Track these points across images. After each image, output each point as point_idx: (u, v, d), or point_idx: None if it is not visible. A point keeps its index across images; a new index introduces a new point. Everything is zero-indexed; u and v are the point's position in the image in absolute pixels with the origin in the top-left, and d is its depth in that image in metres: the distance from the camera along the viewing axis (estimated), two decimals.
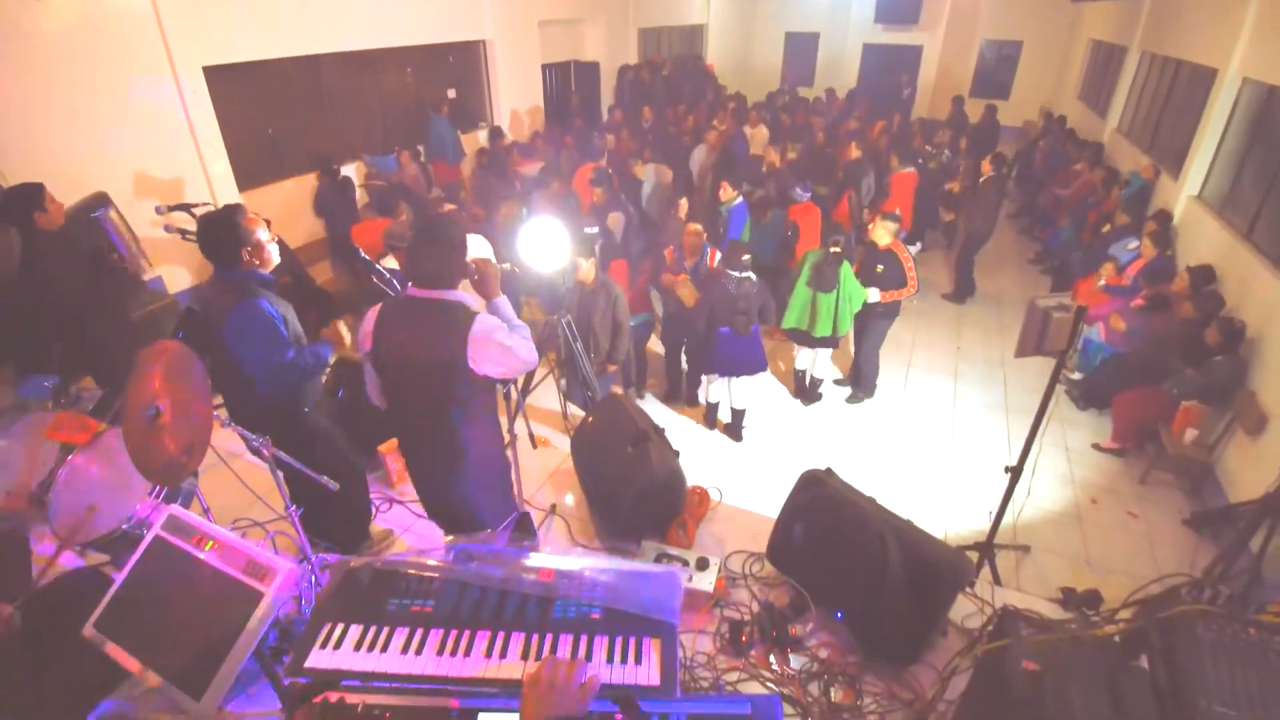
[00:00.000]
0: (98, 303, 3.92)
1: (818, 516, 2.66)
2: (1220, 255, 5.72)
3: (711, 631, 2.58)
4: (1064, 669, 1.54)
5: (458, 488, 2.50)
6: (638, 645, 1.35)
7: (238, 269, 2.65)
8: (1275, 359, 4.47)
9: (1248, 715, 1.43)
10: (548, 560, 1.53)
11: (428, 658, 1.37)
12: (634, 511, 3.11)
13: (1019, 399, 5.68)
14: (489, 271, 2.39)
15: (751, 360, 4.86)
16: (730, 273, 4.58)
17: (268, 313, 2.63)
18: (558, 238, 3.50)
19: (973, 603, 2.69)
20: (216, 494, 3.44)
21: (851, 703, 2.33)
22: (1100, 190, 8.19)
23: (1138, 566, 4.08)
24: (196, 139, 6.07)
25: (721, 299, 4.61)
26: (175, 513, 2.01)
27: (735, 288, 4.58)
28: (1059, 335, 3.03)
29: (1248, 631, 1.60)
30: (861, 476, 4.49)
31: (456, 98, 9.45)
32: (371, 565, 1.57)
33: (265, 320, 2.62)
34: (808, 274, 4.97)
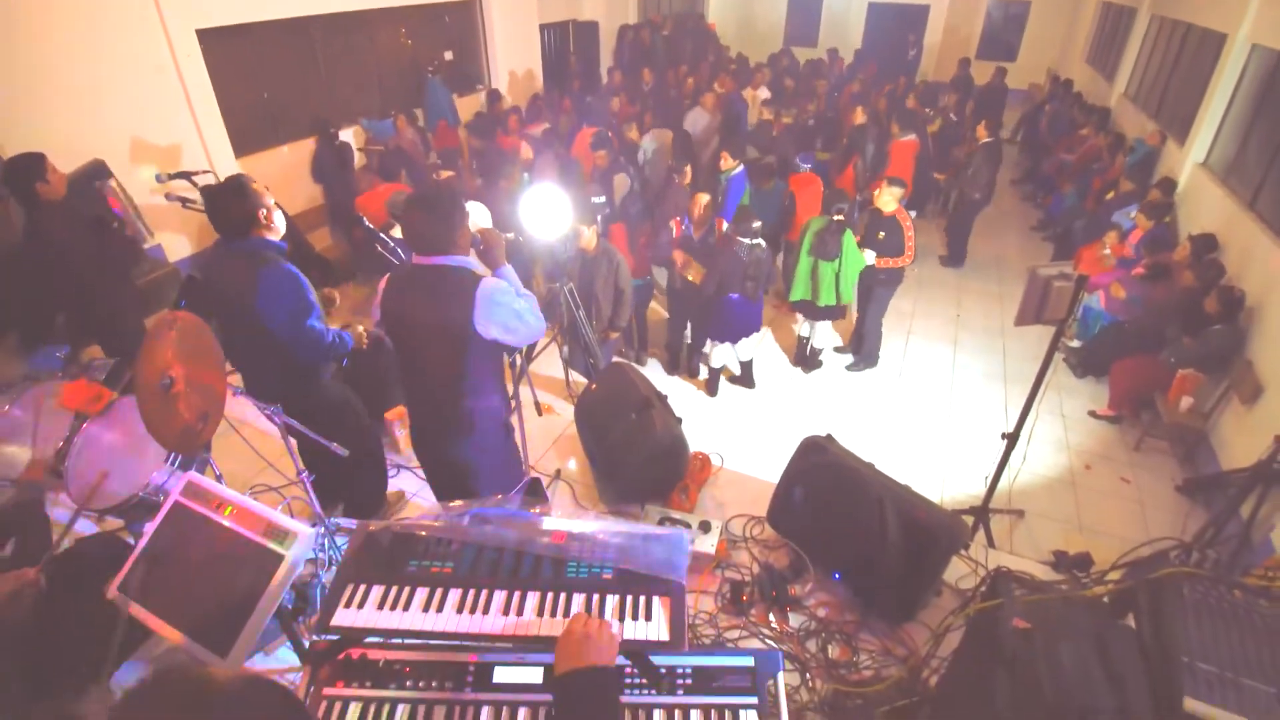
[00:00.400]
0: (103, 270, 3.92)
1: (817, 481, 2.72)
2: (1223, 224, 5.71)
3: (713, 592, 2.66)
4: (1053, 627, 1.61)
5: (462, 453, 2.55)
6: (648, 603, 1.41)
7: (251, 238, 2.64)
8: (1273, 329, 4.50)
9: (1229, 672, 1.50)
10: (560, 523, 1.59)
11: (448, 615, 1.43)
12: (637, 476, 3.17)
13: (1018, 367, 5.73)
14: (494, 240, 2.40)
15: (755, 322, 5.00)
16: (742, 240, 4.61)
17: (295, 274, 2.64)
18: (559, 204, 3.50)
19: (967, 565, 2.77)
20: (228, 460, 3.50)
21: (848, 659, 2.42)
22: (1105, 156, 8.11)
23: (1129, 531, 4.18)
24: (192, 104, 5.99)
25: (733, 267, 4.65)
26: (193, 479, 2.05)
27: (747, 255, 4.62)
28: (1059, 304, 3.06)
29: (1232, 594, 1.67)
30: (861, 443, 4.57)
31: (453, 59, 9.27)
32: (390, 529, 1.62)
33: (294, 281, 2.63)
34: (810, 242, 4.97)
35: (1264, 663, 1.53)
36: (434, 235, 2.22)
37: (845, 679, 2.36)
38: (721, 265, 4.69)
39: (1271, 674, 1.50)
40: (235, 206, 2.60)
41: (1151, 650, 1.58)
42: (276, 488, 3.48)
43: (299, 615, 2.58)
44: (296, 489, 2.85)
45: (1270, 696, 1.47)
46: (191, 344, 2.33)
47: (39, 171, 3.54)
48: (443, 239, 2.23)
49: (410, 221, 2.27)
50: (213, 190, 2.68)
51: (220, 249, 2.75)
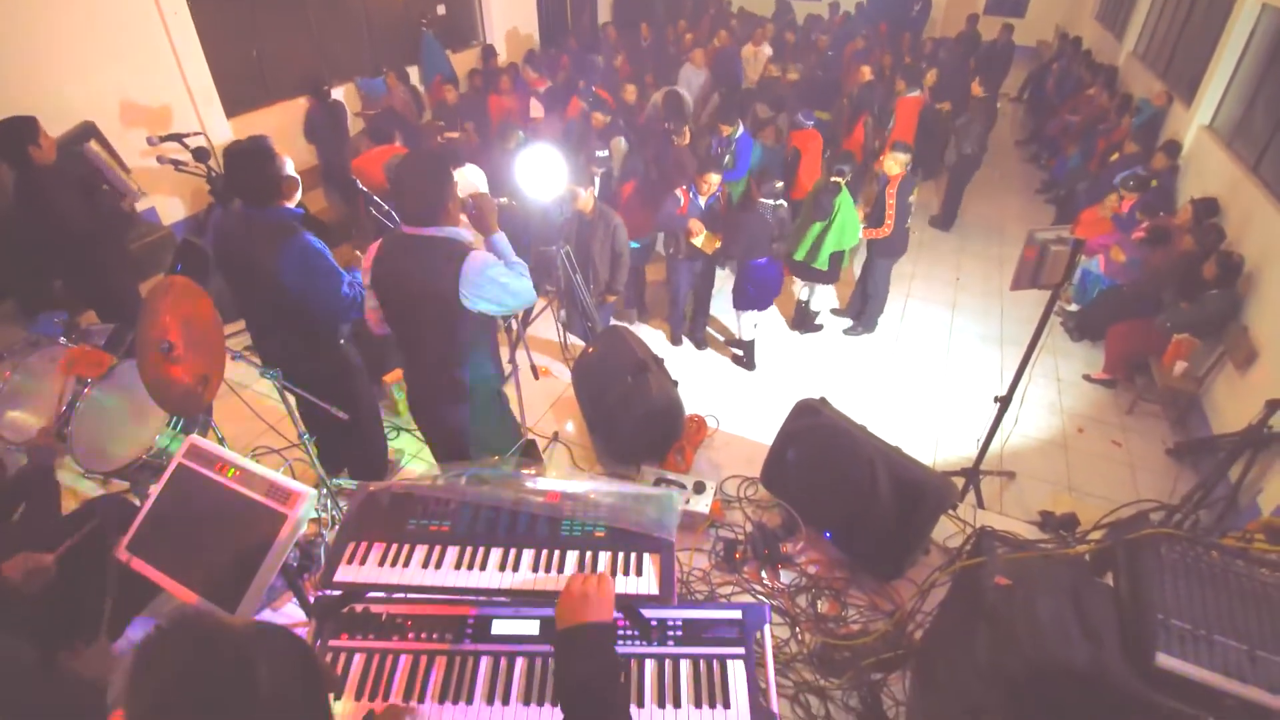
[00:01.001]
0: (96, 233, 3.91)
1: (810, 442, 2.77)
2: (1226, 187, 5.65)
3: (707, 550, 2.74)
4: (1033, 583, 1.66)
5: (457, 419, 2.57)
6: (639, 559, 1.47)
7: (272, 208, 2.56)
8: (1270, 294, 4.50)
9: (1202, 629, 1.55)
10: (555, 484, 1.63)
11: (446, 571, 1.48)
12: (633, 438, 3.23)
13: (1014, 330, 5.75)
14: (485, 206, 2.36)
15: (778, 286, 5.02)
16: (766, 202, 4.60)
17: (318, 247, 2.59)
18: (555, 165, 3.46)
19: (955, 524, 2.84)
20: (229, 423, 3.55)
21: (836, 613, 2.50)
22: (1112, 116, 7.98)
23: (1118, 493, 4.25)
24: (180, 64, 5.87)
25: (761, 230, 4.65)
26: (196, 441, 2.09)
27: (772, 216, 4.65)
28: (1055, 268, 3.06)
29: (1210, 554, 1.72)
30: (855, 405, 4.62)
31: (445, 14, 9.04)
32: (390, 489, 1.67)
33: (319, 254, 2.58)
34: (808, 201, 4.94)
35: (1237, 621, 1.57)
36: (423, 205, 2.18)
37: (833, 632, 2.45)
38: (749, 229, 4.64)
39: (1244, 632, 1.55)
40: (259, 172, 2.50)
41: (1127, 607, 1.64)
42: (278, 450, 3.54)
43: (304, 573, 2.66)
44: (298, 451, 2.90)
45: (1241, 653, 1.52)
46: (190, 309, 2.34)
47: (31, 135, 3.50)
48: (432, 209, 2.18)
49: (399, 190, 2.23)
50: (236, 152, 2.53)
51: (237, 216, 2.63)
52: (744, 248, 4.71)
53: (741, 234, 4.71)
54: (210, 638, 0.78)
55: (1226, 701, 1.44)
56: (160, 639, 0.78)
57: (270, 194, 2.54)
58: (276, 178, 2.53)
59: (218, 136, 6.27)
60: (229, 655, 0.76)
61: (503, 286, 2.21)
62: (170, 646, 0.77)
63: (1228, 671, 1.48)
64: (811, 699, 2.25)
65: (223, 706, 0.74)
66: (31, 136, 3.50)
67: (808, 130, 6.13)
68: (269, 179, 2.52)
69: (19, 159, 3.50)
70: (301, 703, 0.80)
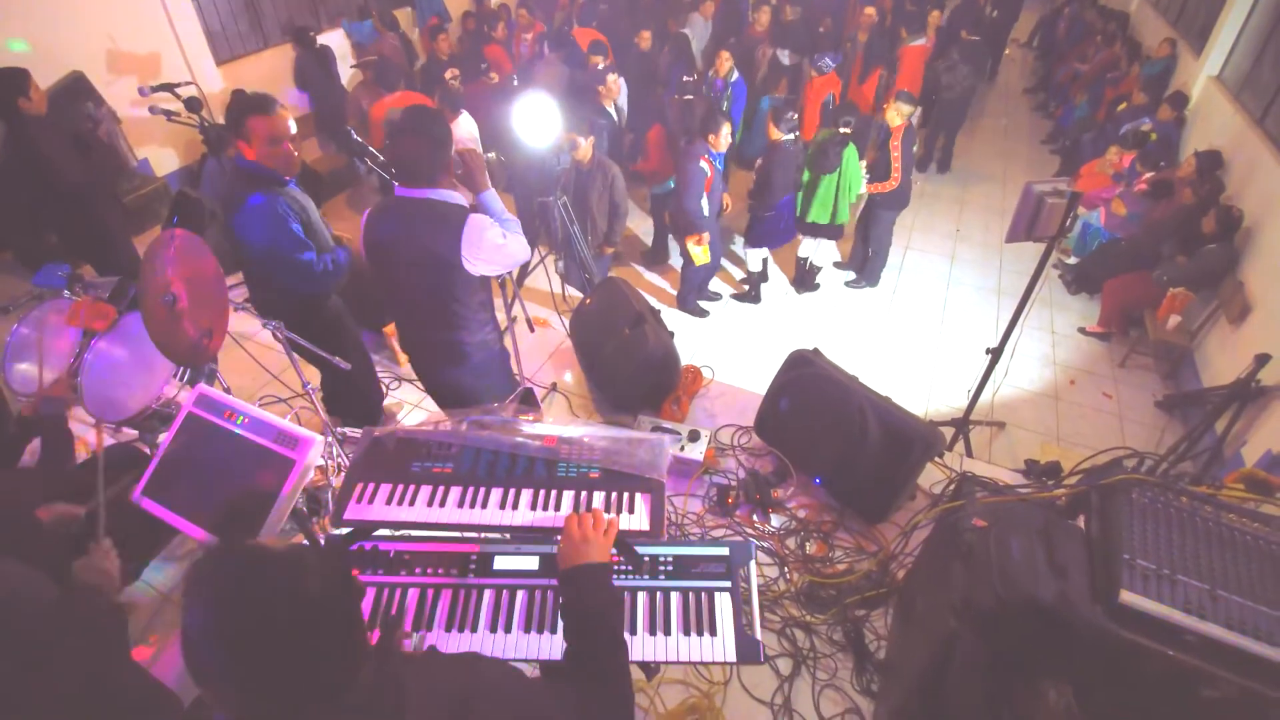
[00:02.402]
0: (89, 185, 3.91)
1: (802, 392, 2.84)
2: (1231, 140, 5.58)
3: (701, 495, 2.84)
4: (1007, 524, 1.75)
5: (457, 380, 2.60)
6: (631, 498, 1.55)
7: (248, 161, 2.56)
8: (1267, 249, 4.50)
9: (1166, 569, 1.64)
10: (551, 429, 1.70)
11: (450, 510, 1.57)
12: (630, 388, 3.30)
13: (1013, 282, 5.76)
14: (474, 163, 2.32)
15: (791, 228, 5.18)
16: (787, 137, 4.67)
17: (276, 208, 2.57)
18: (550, 113, 3.43)
19: (941, 471, 2.93)
20: (234, 374, 3.62)
21: (824, 554, 2.62)
22: (1123, 65, 7.80)
23: (1106, 444, 4.24)
24: (168, 9, 5.71)
25: (790, 164, 4.76)
26: (204, 391, 2.15)
27: (793, 147, 4.75)
28: (1051, 221, 3.07)
29: (1179, 500, 1.80)
30: (852, 357, 4.70)
31: None
32: (395, 434, 1.74)
33: (273, 216, 2.56)
34: (811, 154, 4.88)
35: (1200, 562, 1.66)
36: (419, 166, 2.15)
37: (820, 572, 2.56)
38: (783, 170, 4.75)
39: (1207, 572, 1.63)
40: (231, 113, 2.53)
41: (1096, 547, 1.73)
42: (284, 399, 3.61)
43: (312, 517, 2.76)
44: (302, 400, 2.96)
45: (1203, 592, 1.61)
46: (191, 261, 2.37)
47: (22, 87, 3.48)
48: (428, 170, 2.15)
49: (397, 149, 2.19)
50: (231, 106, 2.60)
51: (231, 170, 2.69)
52: (780, 188, 4.81)
53: (777, 177, 4.78)
54: (259, 554, 0.85)
55: (1187, 637, 1.53)
56: (214, 555, 0.85)
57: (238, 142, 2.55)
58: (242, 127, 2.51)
59: (208, 85, 6.16)
60: (279, 569, 0.84)
61: (500, 248, 2.21)
62: (225, 561, 0.85)
63: (1188, 609, 1.57)
64: (798, 633, 2.38)
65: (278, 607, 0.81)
66: (21, 89, 3.47)
67: (828, 76, 6.04)
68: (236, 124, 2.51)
69: (8, 111, 3.48)
70: (345, 603, 0.89)
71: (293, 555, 0.87)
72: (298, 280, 2.71)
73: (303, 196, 2.77)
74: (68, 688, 1.39)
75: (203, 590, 0.83)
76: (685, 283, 5.22)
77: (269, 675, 0.81)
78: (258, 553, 0.86)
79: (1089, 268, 5.58)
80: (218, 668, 0.81)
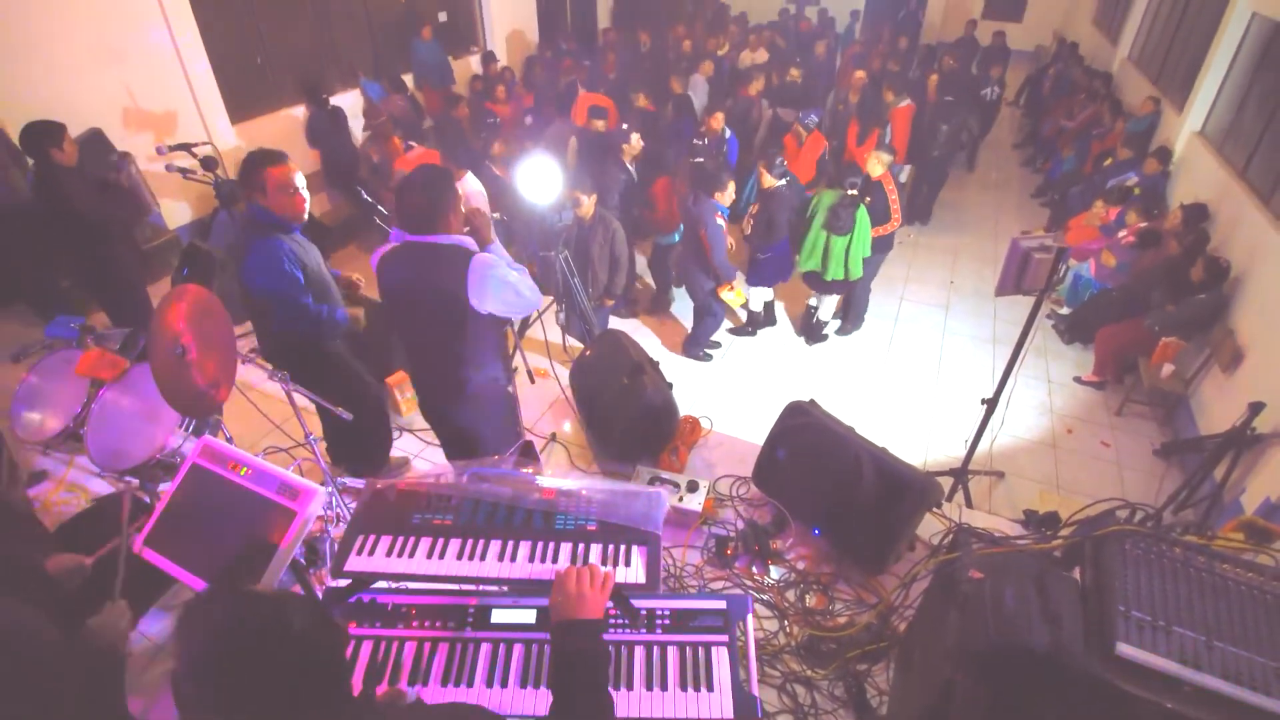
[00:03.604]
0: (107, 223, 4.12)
1: (799, 441, 2.86)
2: (1216, 192, 5.75)
3: (700, 546, 2.83)
4: (1002, 573, 1.76)
5: (464, 419, 2.67)
6: (627, 551, 1.57)
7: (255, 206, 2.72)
8: (1256, 297, 4.59)
9: (1162, 620, 1.64)
10: (550, 481, 1.73)
11: (449, 562, 1.58)
12: (628, 438, 3.32)
13: (1007, 331, 5.84)
14: (480, 222, 2.45)
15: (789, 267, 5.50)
16: (781, 183, 4.99)
17: (281, 250, 2.71)
18: (553, 173, 3.58)
19: (940, 522, 2.93)
20: (237, 423, 3.66)
21: (824, 607, 2.60)
22: (1107, 120, 8.08)
23: (1105, 492, 4.27)
24: (186, 71, 5.97)
25: (789, 206, 5.09)
26: (209, 442, 2.19)
27: (789, 190, 5.07)
28: (1038, 274, 3.15)
29: (1172, 550, 1.81)
30: (848, 406, 4.74)
31: (447, 20, 9.14)
32: (396, 486, 1.77)
33: (277, 257, 2.70)
34: (823, 216, 5.03)
35: (1195, 613, 1.66)
36: (427, 214, 2.27)
37: (820, 625, 2.54)
38: (785, 211, 5.06)
39: (1202, 623, 1.64)
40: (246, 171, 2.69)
41: (1091, 598, 1.74)
42: (285, 449, 3.64)
43: (311, 568, 2.76)
44: (305, 450, 2.99)
45: (1199, 642, 1.61)
46: (202, 313, 2.44)
47: (57, 138, 3.73)
48: (435, 218, 2.27)
49: (402, 199, 2.31)
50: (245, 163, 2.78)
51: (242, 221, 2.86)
52: (783, 229, 5.09)
53: (779, 220, 5.07)
54: (247, 595, 0.90)
55: (1184, 688, 1.53)
56: (203, 600, 0.89)
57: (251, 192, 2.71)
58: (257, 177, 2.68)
59: (222, 142, 6.38)
60: (265, 608, 0.88)
61: (511, 286, 2.30)
62: (213, 605, 0.89)
63: (1184, 660, 1.57)
64: (798, 688, 2.34)
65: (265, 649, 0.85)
66: (55, 140, 3.73)
67: (814, 133, 6.28)
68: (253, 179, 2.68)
69: (41, 158, 3.73)
70: (327, 645, 0.92)
71: (279, 598, 0.91)
72: (295, 321, 2.82)
73: (307, 245, 2.89)
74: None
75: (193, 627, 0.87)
76: (700, 330, 5.35)
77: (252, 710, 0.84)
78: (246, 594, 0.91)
79: (1082, 317, 5.66)
80: (204, 700, 0.84)
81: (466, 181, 5.01)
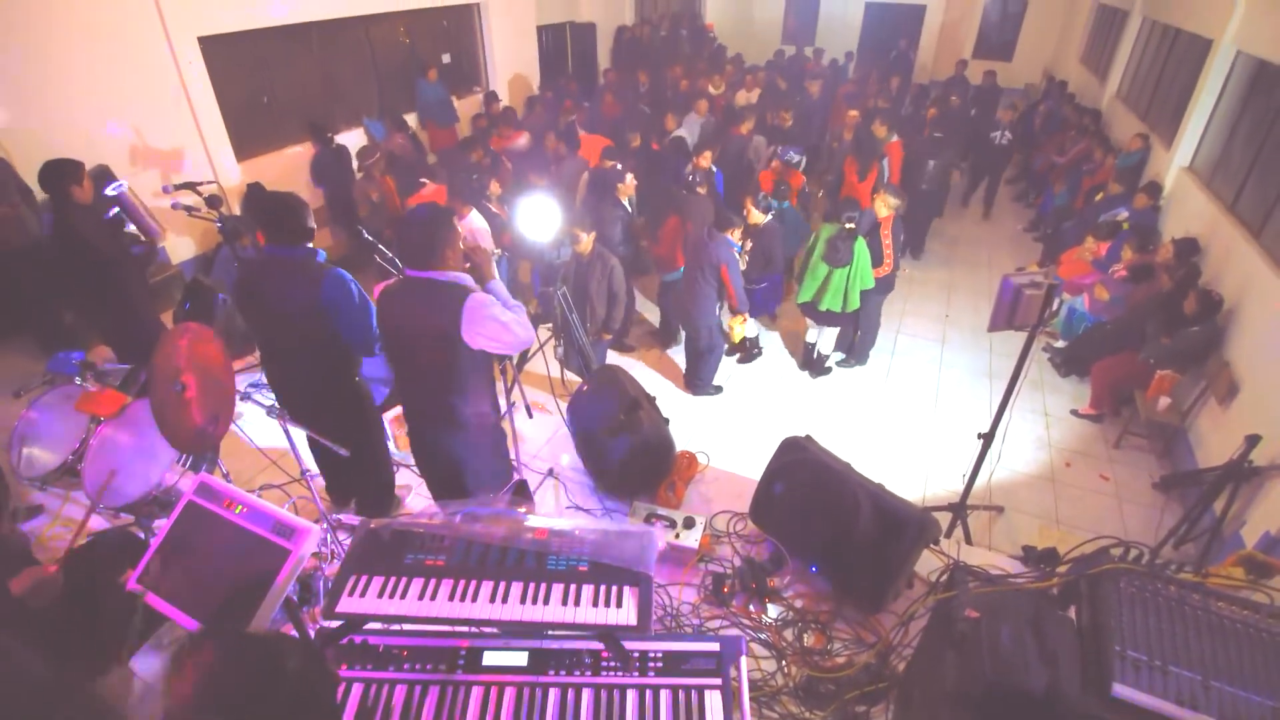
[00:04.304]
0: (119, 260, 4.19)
1: (796, 477, 2.86)
2: (1206, 226, 5.82)
3: (696, 584, 2.81)
4: (998, 613, 1.75)
5: (454, 453, 2.68)
6: (619, 592, 1.56)
7: (301, 247, 2.82)
8: (1249, 329, 4.62)
9: (1159, 660, 1.64)
10: (542, 521, 1.74)
11: (441, 603, 1.58)
12: (625, 474, 3.32)
13: (1003, 364, 5.86)
14: (481, 259, 2.53)
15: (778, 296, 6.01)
16: (768, 217, 5.27)
17: (349, 278, 2.82)
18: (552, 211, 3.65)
19: (939, 558, 2.91)
20: (233, 459, 3.66)
21: (822, 646, 2.57)
22: (1098, 155, 8.23)
23: (1106, 527, 4.31)
24: (194, 110, 6.11)
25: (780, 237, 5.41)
26: (206, 479, 2.19)
27: (777, 222, 5.38)
28: (1030, 310, 3.19)
29: (1168, 588, 1.81)
30: (846, 440, 4.73)
31: (451, 62, 9.39)
32: (390, 525, 1.77)
33: (353, 284, 2.82)
34: (822, 248, 5.10)
35: (1191, 651, 1.66)
36: (426, 250, 2.34)
37: (819, 665, 2.51)
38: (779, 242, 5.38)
39: (1198, 662, 1.63)
40: (295, 219, 2.80)
41: (1087, 638, 1.73)
42: (281, 485, 3.63)
43: (304, 606, 2.73)
44: (301, 486, 2.99)
45: (1195, 682, 1.60)
46: (202, 350, 2.47)
47: (77, 176, 3.84)
48: (434, 255, 2.35)
49: (405, 236, 2.39)
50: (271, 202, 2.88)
51: (264, 257, 2.91)
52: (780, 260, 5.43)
53: (776, 253, 5.38)
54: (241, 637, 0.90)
55: None
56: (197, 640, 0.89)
57: (301, 237, 2.82)
58: (305, 224, 2.82)
59: (227, 179, 6.50)
60: (259, 649, 0.88)
61: (503, 325, 2.35)
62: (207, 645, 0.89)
63: (1181, 701, 1.56)
64: None
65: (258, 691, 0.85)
66: (76, 178, 3.85)
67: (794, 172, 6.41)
68: (302, 225, 2.81)
69: (60, 195, 3.82)
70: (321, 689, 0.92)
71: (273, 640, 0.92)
72: (365, 338, 2.88)
73: None
74: None
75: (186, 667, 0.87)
76: (705, 368, 5.43)
77: None
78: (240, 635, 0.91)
79: (1077, 350, 5.69)
80: None
81: (471, 219, 5.10)
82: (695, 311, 5.05)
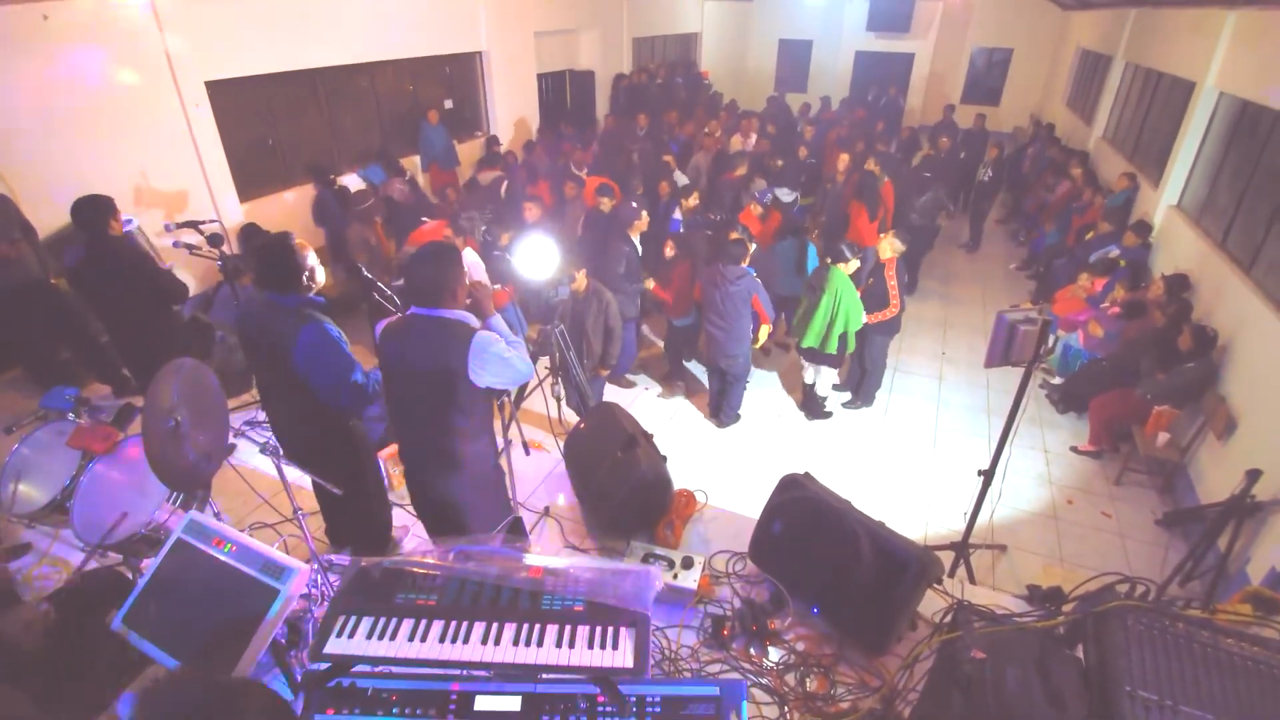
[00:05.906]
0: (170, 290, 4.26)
1: (795, 515, 2.83)
2: (1197, 262, 5.90)
3: (695, 626, 2.75)
4: (1003, 653, 1.71)
5: (452, 492, 2.64)
6: (615, 633, 1.52)
7: (295, 294, 2.75)
8: (1245, 365, 4.64)
9: (1169, 700, 1.59)
10: (537, 559, 1.70)
11: (432, 644, 1.53)
12: (622, 512, 3.28)
13: (1001, 401, 5.85)
14: (482, 294, 2.55)
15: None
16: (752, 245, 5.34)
17: (334, 335, 2.76)
18: (550, 251, 3.70)
19: (942, 599, 2.85)
20: (225, 496, 3.61)
21: (825, 691, 2.50)
22: (1087, 195, 8.38)
23: (1110, 564, 4.25)
24: (199, 152, 6.23)
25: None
26: (195, 517, 2.16)
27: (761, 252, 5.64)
28: (1025, 347, 3.20)
29: (1176, 626, 1.77)
30: (845, 479, 4.69)
31: (453, 107, 9.62)
32: (381, 564, 1.73)
33: (334, 342, 2.74)
34: (805, 284, 5.17)
35: (1201, 690, 1.61)
36: (434, 288, 2.36)
37: (822, 710, 2.44)
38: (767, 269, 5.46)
39: (1209, 701, 1.59)
40: (283, 264, 2.71)
41: (1095, 678, 1.68)
42: (272, 524, 3.58)
43: (291, 649, 2.66)
44: (292, 526, 2.94)
45: None
46: (196, 388, 2.46)
47: (114, 210, 3.97)
48: (442, 292, 2.36)
49: (413, 274, 2.41)
50: (262, 249, 2.78)
51: (261, 300, 2.83)
52: None
53: None
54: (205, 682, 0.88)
55: None
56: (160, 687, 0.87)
57: (292, 283, 2.73)
58: (296, 268, 2.72)
59: (230, 219, 6.58)
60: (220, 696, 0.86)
61: (506, 362, 2.37)
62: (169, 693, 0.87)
63: None
64: None
65: None
66: (113, 211, 3.97)
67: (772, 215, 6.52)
68: (292, 269, 2.71)
69: (96, 230, 3.90)
70: None
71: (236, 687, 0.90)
72: (352, 400, 2.81)
73: None
74: None
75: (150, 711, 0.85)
76: (734, 396, 5.45)
77: None
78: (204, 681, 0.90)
79: (1074, 387, 5.70)
80: None
81: (465, 254, 5.15)
82: (731, 344, 5.06)
